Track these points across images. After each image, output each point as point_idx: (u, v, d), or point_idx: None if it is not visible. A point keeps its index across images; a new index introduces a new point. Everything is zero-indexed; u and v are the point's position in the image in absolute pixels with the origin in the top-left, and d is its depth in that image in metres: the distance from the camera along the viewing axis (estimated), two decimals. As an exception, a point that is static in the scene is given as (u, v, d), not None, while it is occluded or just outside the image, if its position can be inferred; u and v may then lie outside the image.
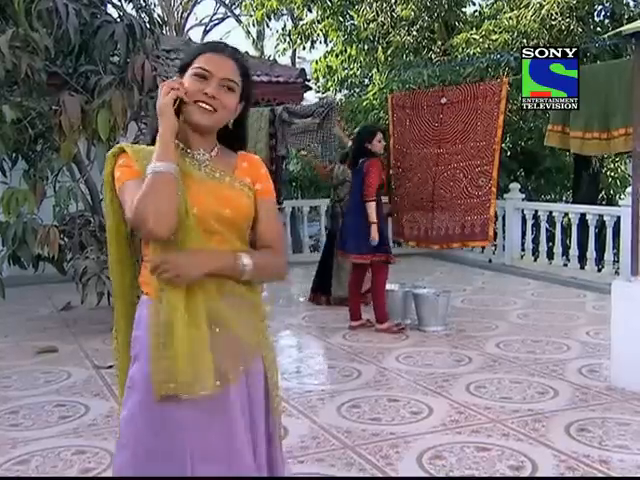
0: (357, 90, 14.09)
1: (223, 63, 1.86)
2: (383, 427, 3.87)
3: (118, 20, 5.90)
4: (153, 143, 1.87)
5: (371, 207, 5.87)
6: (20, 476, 3.36)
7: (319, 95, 16.53)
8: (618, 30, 4.61)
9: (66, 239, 6.30)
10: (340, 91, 14.50)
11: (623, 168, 13.02)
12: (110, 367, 5.07)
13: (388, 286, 6.63)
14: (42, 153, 6.21)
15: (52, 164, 5.77)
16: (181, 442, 1.81)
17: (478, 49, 9.85)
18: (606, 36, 7.10)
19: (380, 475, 3.30)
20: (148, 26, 6.34)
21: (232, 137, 1.98)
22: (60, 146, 5.65)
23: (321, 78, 14.18)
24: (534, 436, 3.70)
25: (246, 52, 10.69)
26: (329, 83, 14.02)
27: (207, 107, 1.85)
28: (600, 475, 3.26)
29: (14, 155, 6.35)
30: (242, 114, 1.97)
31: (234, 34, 54.64)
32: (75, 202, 6.02)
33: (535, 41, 9.34)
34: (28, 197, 5.72)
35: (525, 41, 9.40)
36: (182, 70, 1.90)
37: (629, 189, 7.95)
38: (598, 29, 10.39)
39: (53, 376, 5.01)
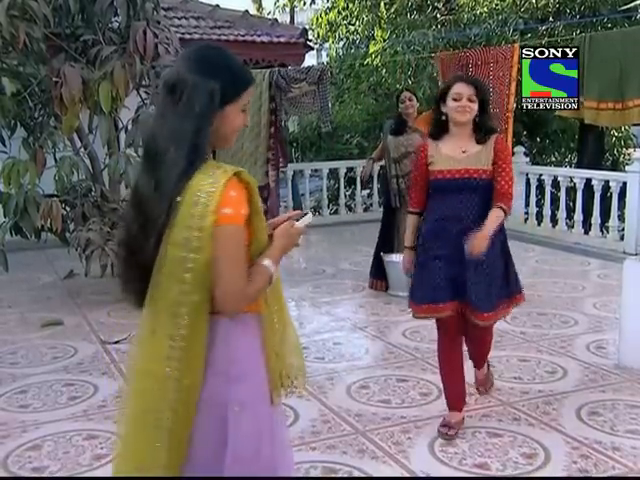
0: (357, 43, 13.79)
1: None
2: (394, 410, 3.87)
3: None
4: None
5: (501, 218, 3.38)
6: (21, 476, 3.34)
7: (316, 47, 16.24)
8: (634, 4, 4.49)
9: (68, 209, 6.23)
10: (340, 45, 14.20)
11: (627, 127, 12.90)
12: (116, 342, 5.06)
13: (389, 257, 6.41)
14: (42, 122, 6.08)
15: (54, 137, 5.64)
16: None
17: (485, 9, 9.60)
18: (621, 9, 6.92)
19: (392, 463, 3.30)
20: (148, -12, 6.15)
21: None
22: (60, 114, 5.53)
23: (321, 33, 13.88)
24: (545, 420, 3.70)
25: (246, 11, 10.41)
26: (330, 40, 13.74)
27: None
28: (612, 463, 3.27)
29: (12, 123, 6.22)
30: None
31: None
32: (77, 173, 5.92)
33: (544, 1, 9.11)
34: (29, 168, 5.64)
35: (534, 1, 9.16)
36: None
37: (635, 155, 7.84)
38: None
39: (60, 352, 5.00)
